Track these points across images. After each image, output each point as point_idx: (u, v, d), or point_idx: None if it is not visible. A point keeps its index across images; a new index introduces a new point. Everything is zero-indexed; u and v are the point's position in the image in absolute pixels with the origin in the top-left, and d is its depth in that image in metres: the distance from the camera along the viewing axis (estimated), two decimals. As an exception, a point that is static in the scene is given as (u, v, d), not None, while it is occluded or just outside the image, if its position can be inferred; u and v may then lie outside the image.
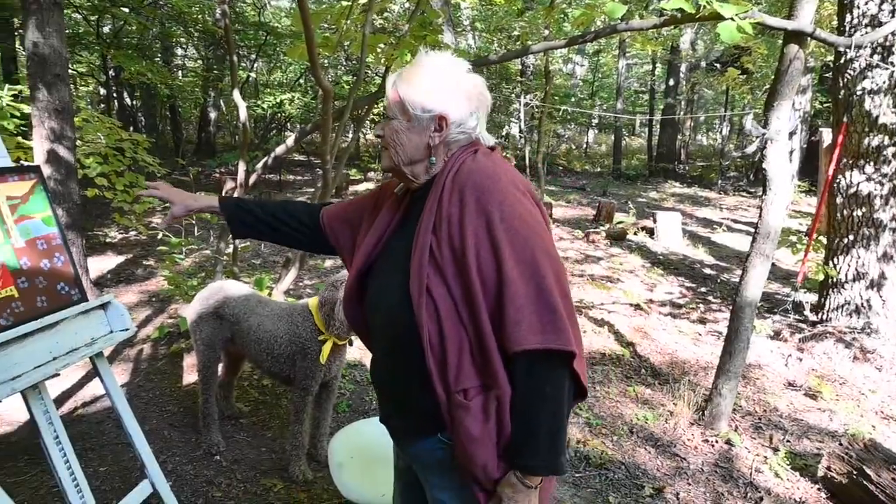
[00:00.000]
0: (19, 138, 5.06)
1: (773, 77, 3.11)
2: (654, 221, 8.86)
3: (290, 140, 4.37)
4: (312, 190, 11.29)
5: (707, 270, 7.10)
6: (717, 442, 3.28)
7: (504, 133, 19.21)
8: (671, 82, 17.47)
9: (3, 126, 5.11)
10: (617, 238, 8.67)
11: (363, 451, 2.31)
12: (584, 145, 24.98)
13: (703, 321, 5.27)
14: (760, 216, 3.17)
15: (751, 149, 3.08)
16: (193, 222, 7.25)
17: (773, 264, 3.20)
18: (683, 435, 3.34)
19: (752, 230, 3.12)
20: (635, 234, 9.01)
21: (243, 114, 4.11)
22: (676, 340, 4.79)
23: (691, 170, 18.48)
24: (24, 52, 4.66)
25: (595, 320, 5.17)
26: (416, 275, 1.23)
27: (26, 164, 4.25)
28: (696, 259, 7.69)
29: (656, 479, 2.96)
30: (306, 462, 2.78)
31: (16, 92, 5.31)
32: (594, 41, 3.65)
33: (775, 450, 3.23)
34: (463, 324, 1.21)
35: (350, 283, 1.43)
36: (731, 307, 5.49)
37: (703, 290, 6.26)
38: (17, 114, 5.17)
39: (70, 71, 13.78)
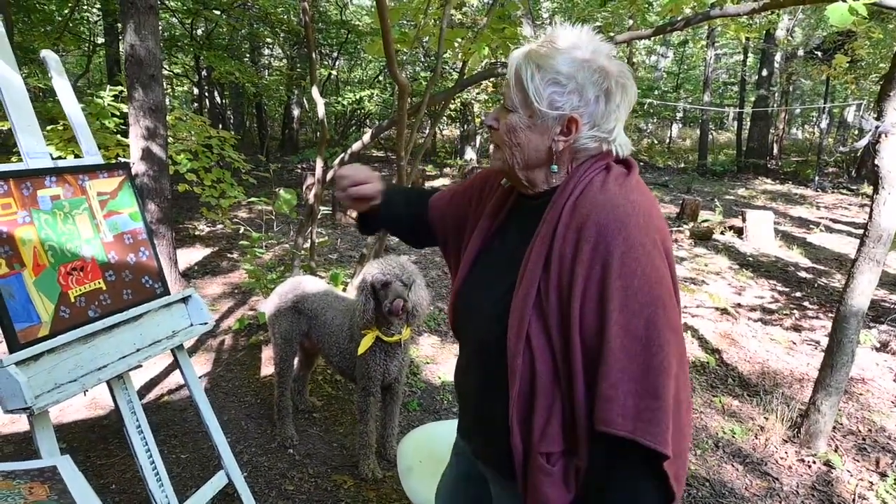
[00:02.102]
0: (119, 136, 5.37)
1: (883, 64, 2.81)
2: (743, 220, 8.35)
3: (367, 136, 4.39)
4: (389, 185, 11.40)
5: (802, 274, 6.62)
6: (814, 462, 3.02)
7: (583, 128, 18.74)
8: (764, 72, 16.44)
9: (104, 124, 5.44)
10: (702, 237, 8.24)
11: (433, 456, 2.26)
12: (667, 140, 24.03)
13: (797, 329, 4.90)
14: (871, 217, 2.88)
15: (862, 143, 2.80)
16: (273, 217, 7.48)
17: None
18: (776, 453, 3.10)
19: (854, 231, 2.84)
20: (722, 233, 8.54)
21: (321, 110, 4.16)
22: (768, 349, 4.48)
23: (785, 165, 17.38)
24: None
25: (678, 324, 4.91)
26: (517, 316, 1.04)
27: (123, 160, 4.47)
28: (790, 261, 7.19)
29: (745, 499, 2.75)
30: (376, 461, 2.77)
31: (116, 93, 5.63)
32: (684, 29, 3.43)
33: (882, 475, 2.94)
34: (558, 383, 1.03)
35: (456, 286, 1.26)
36: (830, 315, 5.09)
37: (797, 294, 5.84)
38: (117, 113, 5.50)
39: (166, 72, 14.60)
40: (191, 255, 6.54)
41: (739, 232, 8.40)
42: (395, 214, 1.46)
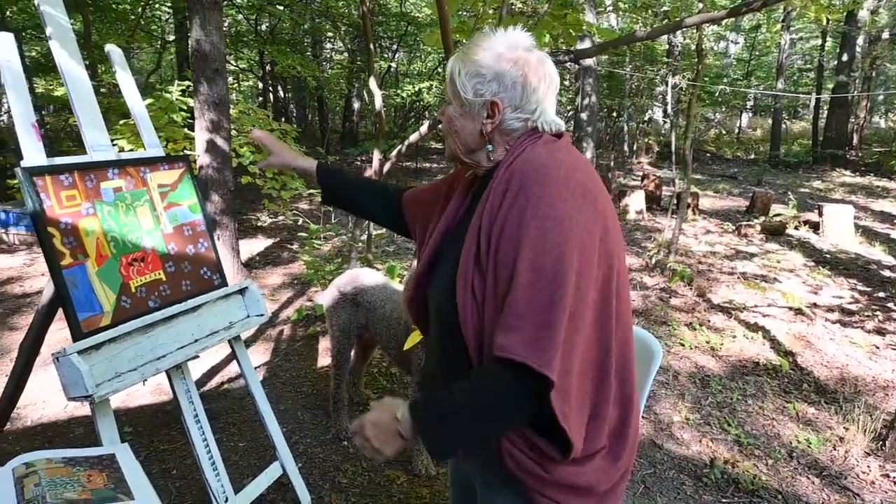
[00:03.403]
0: (186, 130, 5.53)
1: None
2: (820, 214, 7.88)
3: (424, 127, 4.34)
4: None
5: (886, 273, 6.18)
6: (900, 478, 2.79)
7: (647, 118, 18.19)
8: (844, 57, 15.46)
9: (172, 118, 5.62)
10: (774, 232, 7.83)
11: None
12: (737, 130, 23.01)
13: (881, 332, 4.56)
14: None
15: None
16: (331, 209, 7.56)
17: None
18: (857, 466, 2.88)
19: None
20: (796, 228, 8.09)
21: (379, 102, 4.15)
22: (847, 353, 4.18)
23: (866, 156, 16.32)
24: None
25: (747, 324, 4.66)
26: (463, 270, 1.15)
27: (189, 152, 4.55)
28: (872, 259, 6.72)
29: (821, 514, 2.57)
30: (429, 457, 2.74)
31: (184, 87, 5.79)
32: (761, 10, 3.21)
33: (980, 495, 2.68)
34: None
35: (418, 271, 1.35)
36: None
37: (881, 295, 5.44)
38: (185, 107, 5.66)
39: (232, 67, 15.01)
40: (253, 246, 6.70)
41: (815, 227, 7.94)
42: (350, 198, 1.65)
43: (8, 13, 10.05)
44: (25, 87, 1.78)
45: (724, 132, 22.40)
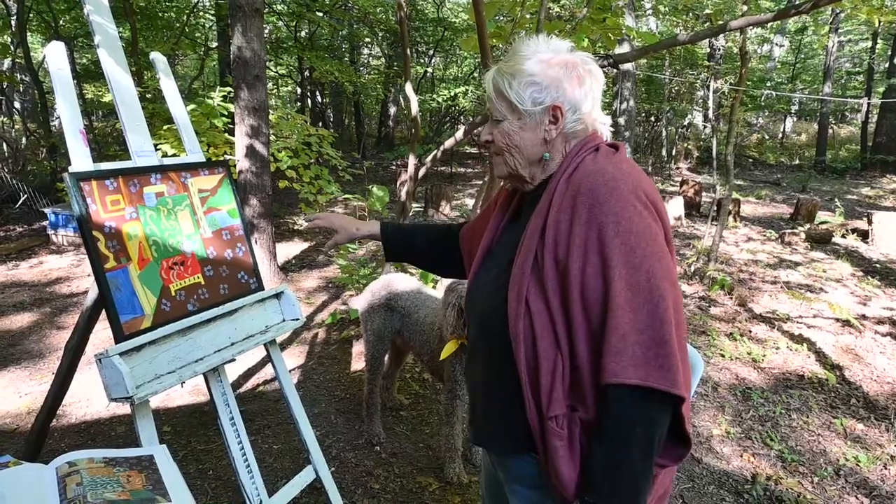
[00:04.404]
0: (226, 135, 5.64)
1: None
2: (869, 223, 7.60)
3: (459, 133, 4.34)
4: (481, 182, 11.36)
5: (941, 284, 5.92)
6: (957, 502, 2.65)
7: (686, 123, 17.85)
8: (897, 59, 14.91)
9: (214, 124, 5.73)
10: (819, 240, 7.58)
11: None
12: (780, 134, 22.38)
13: (935, 346, 4.36)
14: None
15: None
16: (366, 214, 7.61)
17: None
18: (909, 487, 2.75)
19: None
20: (843, 236, 7.82)
21: (415, 107, 4.16)
22: (899, 367, 4.01)
23: (919, 162, 15.69)
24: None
25: (791, 335, 4.51)
26: (517, 282, 1.13)
27: (229, 157, 4.64)
28: (926, 269, 6.45)
29: (871, 537, 2.46)
30: (462, 464, 2.72)
31: (225, 93, 5.91)
32: (810, 12, 3.11)
33: None
34: (558, 344, 1.09)
35: (469, 285, 1.36)
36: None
37: (935, 307, 5.21)
38: (226, 112, 5.77)
39: (272, 73, 15.27)
40: (289, 249, 6.79)
41: (864, 235, 7.66)
42: (414, 251, 1.69)
43: (62, 22, 10.44)
44: (74, 95, 1.83)
45: (767, 137, 21.82)
